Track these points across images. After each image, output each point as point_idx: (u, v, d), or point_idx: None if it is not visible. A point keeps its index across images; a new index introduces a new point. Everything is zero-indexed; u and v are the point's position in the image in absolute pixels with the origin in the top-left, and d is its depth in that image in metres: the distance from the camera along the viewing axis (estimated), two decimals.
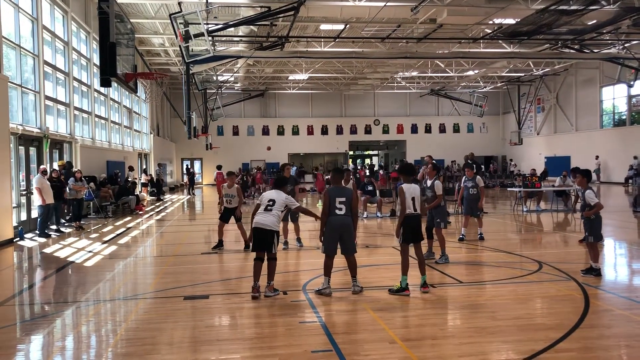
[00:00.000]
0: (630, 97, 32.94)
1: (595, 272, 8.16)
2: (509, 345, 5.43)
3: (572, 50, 26.49)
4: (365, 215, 17.51)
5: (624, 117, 34.15)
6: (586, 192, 8.30)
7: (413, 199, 7.50)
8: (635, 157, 29.13)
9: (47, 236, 14.16)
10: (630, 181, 29.92)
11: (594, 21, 21.52)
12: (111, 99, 25.86)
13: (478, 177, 12.20)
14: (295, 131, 46.16)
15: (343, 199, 7.30)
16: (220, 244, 11.57)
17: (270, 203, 7.43)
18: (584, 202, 8.38)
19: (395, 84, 41.84)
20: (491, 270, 9.15)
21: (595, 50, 27.11)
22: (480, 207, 12.07)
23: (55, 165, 17.05)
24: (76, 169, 17.21)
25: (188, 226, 17.59)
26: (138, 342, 5.69)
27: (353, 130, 46.78)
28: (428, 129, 47.48)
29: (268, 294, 7.26)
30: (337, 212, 7.30)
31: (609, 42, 26.01)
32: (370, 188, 18.79)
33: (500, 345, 5.44)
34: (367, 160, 52.87)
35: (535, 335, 5.56)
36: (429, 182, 9.88)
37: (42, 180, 14.06)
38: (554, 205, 19.24)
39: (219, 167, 27.54)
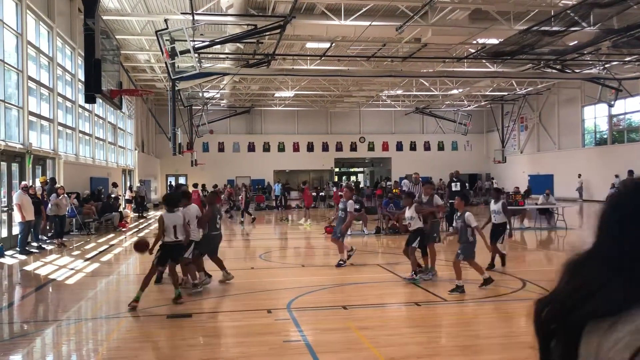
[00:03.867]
0: (610, 116, 33.47)
1: (459, 289, 8.40)
2: None
3: (554, 70, 26.90)
4: (349, 232, 17.47)
5: (605, 137, 34.66)
6: (466, 214, 8.54)
7: (175, 227, 8.09)
8: (616, 176, 29.48)
9: (28, 253, 13.95)
10: None
11: (575, 42, 21.92)
12: (96, 115, 25.71)
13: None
14: (281, 148, 46.21)
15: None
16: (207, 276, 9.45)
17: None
18: (463, 224, 8.56)
19: (381, 102, 42.13)
20: (475, 288, 9.16)
21: (577, 71, 27.56)
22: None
23: (37, 182, 16.86)
24: (59, 185, 17.03)
25: None
26: None
27: (339, 147, 46.93)
28: (413, 147, 47.77)
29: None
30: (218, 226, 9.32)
31: (590, 62, 26.46)
32: (357, 206, 18.86)
33: None
34: (353, 178, 52.97)
35: (519, 354, 5.56)
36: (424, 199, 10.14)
37: (23, 196, 13.88)
38: (537, 223, 19.38)
39: (195, 186, 25.33)
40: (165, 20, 19.13)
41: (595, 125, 35.67)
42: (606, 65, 26.52)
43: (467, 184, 18.66)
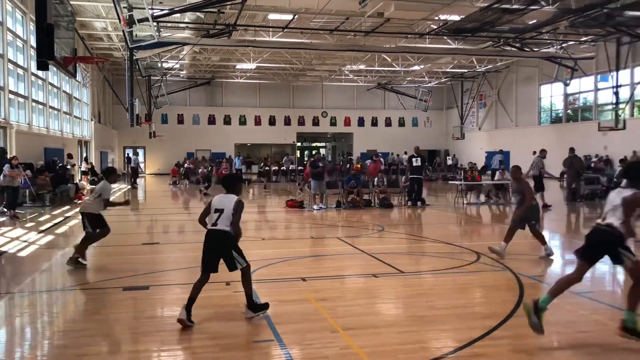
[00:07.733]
0: (566, 95, 34.30)
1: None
2: (447, 333, 5.59)
3: (513, 49, 27.34)
4: (317, 208, 17.44)
5: (560, 115, 35.55)
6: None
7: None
8: (571, 149, 30.26)
9: None
10: (564, 176, 31.14)
11: (534, 21, 22.27)
12: (50, 83, 24.86)
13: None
14: (243, 121, 45.73)
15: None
16: None
17: None
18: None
19: (343, 77, 42.06)
20: (431, 260, 9.37)
21: (535, 49, 28.08)
22: None
23: None
24: (12, 155, 16.49)
25: (129, 216, 17.15)
26: (76, 333, 5.54)
27: (301, 122, 46.75)
28: (374, 122, 47.99)
29: None
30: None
31: (548, 41, 26.99)
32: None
33: (439, 333, 5.60)
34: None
35: (472, 324, 5.75)
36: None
37: None
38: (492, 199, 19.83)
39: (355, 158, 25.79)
40: None
41: (551, 103, 36.52)
42: (563, 45, 27.12)
43: (426, 160, 18.88)
